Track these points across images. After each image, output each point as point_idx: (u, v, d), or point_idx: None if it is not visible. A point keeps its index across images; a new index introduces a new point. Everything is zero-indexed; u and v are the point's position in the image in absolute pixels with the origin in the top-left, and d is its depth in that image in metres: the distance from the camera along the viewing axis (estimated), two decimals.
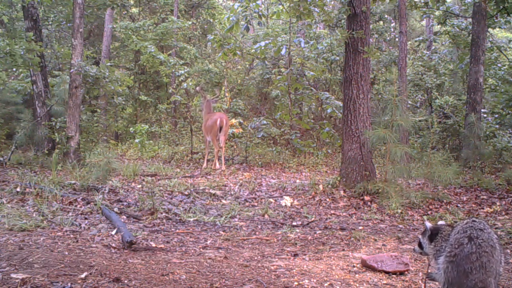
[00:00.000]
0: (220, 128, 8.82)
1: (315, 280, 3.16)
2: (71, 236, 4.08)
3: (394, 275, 3.34)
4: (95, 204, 5.09)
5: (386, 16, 15.81)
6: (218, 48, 10.62)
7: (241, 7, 9.14)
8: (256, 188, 6.90)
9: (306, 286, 3.06)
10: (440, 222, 2.81)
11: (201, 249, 3.95)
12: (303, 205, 5.96)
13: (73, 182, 6.10)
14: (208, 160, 9.26)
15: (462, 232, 2.41)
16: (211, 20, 16.85)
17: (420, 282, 3.21)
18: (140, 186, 6.66)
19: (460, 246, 2.36)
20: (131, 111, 14.87)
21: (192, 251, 3.89)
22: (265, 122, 10.89)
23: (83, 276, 2.93)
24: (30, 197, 5.27)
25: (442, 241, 2.58)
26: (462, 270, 2.32)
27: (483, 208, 5.91)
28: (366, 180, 6.39)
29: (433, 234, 2.66)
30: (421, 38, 14.10)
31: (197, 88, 10.12)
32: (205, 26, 16.81)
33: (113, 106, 13.85)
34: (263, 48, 10.41)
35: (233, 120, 11.43)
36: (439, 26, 13.17)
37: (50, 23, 12.75)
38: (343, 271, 3.41)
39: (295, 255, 3.86)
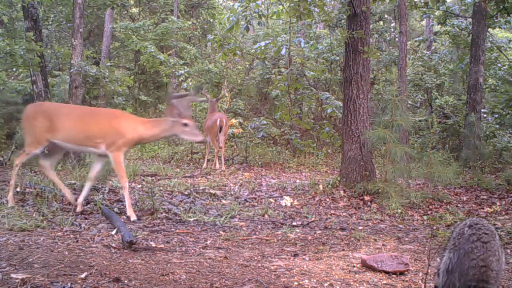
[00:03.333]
0: (220, 128, 8.82)
1: (315, 280, 3.16)
2: (71, 236, 4.08)
3: (394, 275, 3.34)
4: (95, 204, 5.09)
5: (386, 16, 15.82)
6: (218, 48, 10.62)
7: (241, 7, 9.14)
8: (256, 188, 6.90)
9: (306, 286, 3.06)
10: None
11: (201, 249, 3.95)
12: (303, 205, 5.96)
13: (73, 182, 6.10)
14: (208, 160, 9.26)
15: (462, 226, 2.46)
16: (211, 20, 16.86)
17: (420, 282, 3.21)
18: (140, 186, 6.66)
19: (462, 235, 2.39)
20: (131, 111, 14.85)
21: (192, 251, 3.89)
22: (265, 122, 10.89)
23: (83, 276, 2.93)
24: (30, 197, 5.27)
25: (442, 251, 2.59)
26: (463, 252, 2.33)
27: (483, 208, 5.91)
28: (366, 180, 6.39)
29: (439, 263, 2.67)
30: (421, 38, 14.11)
31: (202, 91, 10.09)
32: (205, 26, 16.82)
33: (113, 106, 13.84)
34: (263, 48, 10.41)
35: (233, 120, 11.43)
36: (439, 26, 13.17)
37: (50, 23, 12.75)
38: (343, 271, 3.41)
39: (295, 255, 3.86)
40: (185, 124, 4.89)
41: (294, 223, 5.06)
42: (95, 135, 4.91)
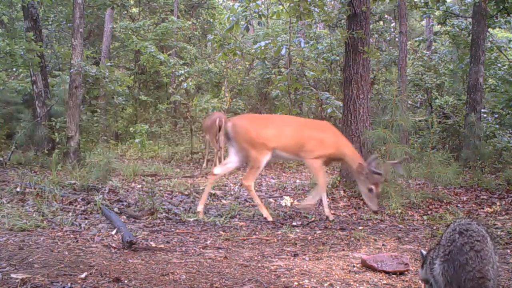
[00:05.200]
0: (219, 128, 8.83)
1: (315, 280, 3.16)
2: (71, 236, 4.08)
3: (394, 275, 3.34)
4: (95, 204, 5.08)
5: (386, 16, 15.82)
6: (218, 48, 10.62)
7: (241, 7, 9.14)
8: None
9: (306, 286, 3.06)
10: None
11: (201, 249, 3.95)
12: None
13: (73, 182, 6.10)
14: (208, 160, 9.26)
15: (451, 231, 2.44)
16: (211, 20, 16.86)
17: (420, 282, 3.21)
18: (140, 186, 6.66)
19: (453, 243, 2.38)
20: (131, 111, 14.88)
21: (192, 251, 3.89)
22: None
23: (83, 276, 2.93)
24: (30, 197, 5.27)
25: (432, 253, 2.59)
26: (458, 264, 2.32)
27: (483, 208, 5.90)
28: None
29: (425, 259, 2.69)
30: (421, 38, 14.09)
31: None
32: (205, 26, 16.82)
33: (113, 106, 13.86)
34: (263, 48, 10.40)
35: None
36: (439, 26, 13.17)
37: (50, 23, 12.76)
38: (343, 271, 3.41)
39: (295, 255, 3.86)
40: (370, 190, 5.05)
41: (294, 223, 5.06)
42: (305, 145, 5.21)
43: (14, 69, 10.78)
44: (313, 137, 5.28)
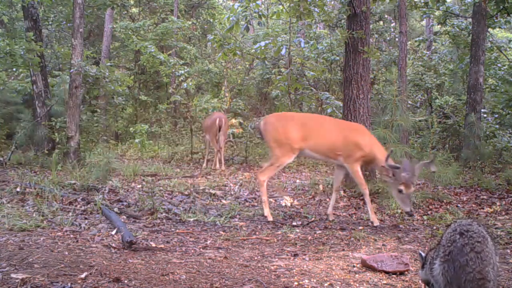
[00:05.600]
0: (219, 128, 8.83)
1: (315, 280, 3.16)
2: (71, 236, 4.08)
3: (394, 275, 3.34)
4: (95, 204, 5.08)
5: (386, 16, 15.81)
6: (218, 48, 10.61)
7: (241, 7, 9.13)
8: (256, 188, 6.89)
9: (306, 286, 3.06)
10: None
11: (201, 249, 3.95)
12: (303, 205, 5.97)
13: (73, 182, 6.10)
14: (208, 160, 9.26)
15: (452, 232, 2.44)
16: (211, 20, 16.86)
17: (420, 282, 3.21)
18: (140, 186, 6.66)
19: (453, 243, 2.38)
20: (131, 111, 14.87)
21: (192, 251, 3.89)
22: None
23: (83, 276, 2.93)
24: (30, 197, 5.27)
25: (432, 253, 2.59)
26: (458, 265, 2.33)
27: (483, 208, 5.91)
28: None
29: (425, 260, 2.70)
30: (421, 38, 14.08)
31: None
32: (205, 26, 16.82)
33: (113, 106, 13.85)
34: (263, 48, 10.39)
35: (233, 120, 11.42)
36: (439, 26, 13.16)
37: (50, 23, 12.75)
38: (343, 271, 3.41)
39: (295, 255, 3.86)
40: (399, 191, 4.89)
41: (294, 223, 5.06)
42: (339, 147, 5.17)
43: (14, 69, 10.77)
44: (348, 140, 5.18)
